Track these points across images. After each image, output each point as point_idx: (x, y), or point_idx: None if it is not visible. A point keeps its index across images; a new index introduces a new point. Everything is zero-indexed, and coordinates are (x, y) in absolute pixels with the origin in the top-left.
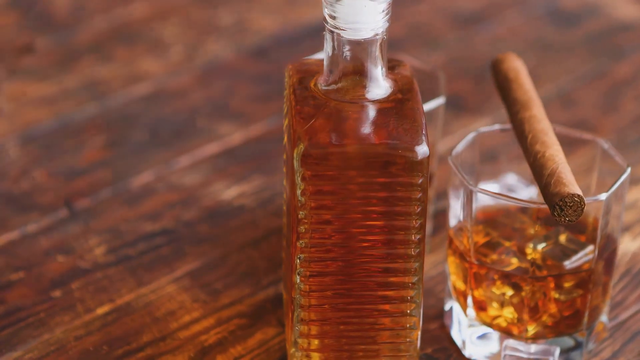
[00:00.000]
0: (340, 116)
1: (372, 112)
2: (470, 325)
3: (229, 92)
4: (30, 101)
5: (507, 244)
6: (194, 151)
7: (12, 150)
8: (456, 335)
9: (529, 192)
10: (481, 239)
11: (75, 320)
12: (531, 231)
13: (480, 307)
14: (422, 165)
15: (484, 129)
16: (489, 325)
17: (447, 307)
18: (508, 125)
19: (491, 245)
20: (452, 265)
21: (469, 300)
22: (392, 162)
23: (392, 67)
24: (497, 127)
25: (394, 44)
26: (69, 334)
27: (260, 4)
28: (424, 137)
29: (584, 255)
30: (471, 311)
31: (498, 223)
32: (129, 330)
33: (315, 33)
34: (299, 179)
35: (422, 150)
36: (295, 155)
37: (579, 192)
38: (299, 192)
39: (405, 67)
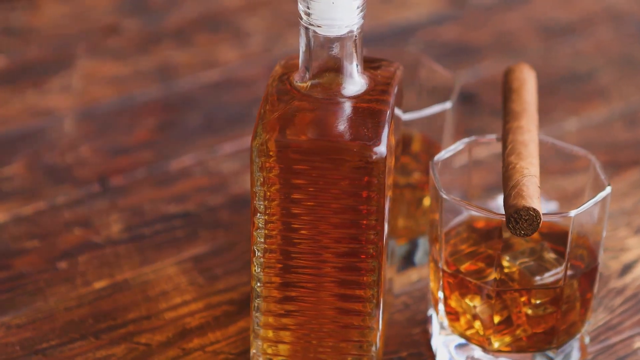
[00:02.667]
0: (304, 112)
1: (337, 109)
2: (443, 334)
3: None
4: (100, 79)
5: (486, 254)
6: (240, 140)
7: (67, 124)
8: (434, 342)
9: (545, 208)
10: (466, 248)
11: (71, 292)
12: (518, 244)
13: (453, 316)
14: (377, 165)
15: (478, 137)
16: (461, 334)
17: (429, 314)
18: None
19: (470, 255)
20: (430, 272)
21: (442, 308)
22: (346, 160)
23: (377, 66)
24: (492, 136)
25: (471, 49)
26: (60, 304)
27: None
28: (382, 138)
29: (559, 272)
30: (444, 319)
31: (488, 233)
32: (119, 306)
33: (396, 34)
34: (256, 169)
35: (377, 150)
36: (252, 146)
37: (535, 207)
38: (256, 182)
39: (390, 67)
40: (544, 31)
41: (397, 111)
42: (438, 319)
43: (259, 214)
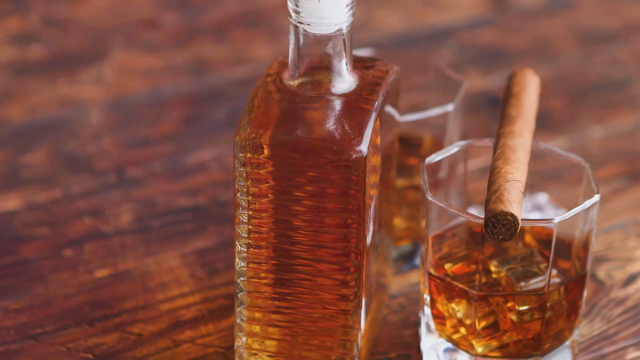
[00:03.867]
0: (289, 109)
1: (322, 107)
2: (432, 337)
3: None
4: (133, 72)
5: (476, 258)
6: None
7: (94, 114)
8: (422, 344)
9: (555, 214)
10: (461, 251)
11: (72, 279)
12: (512, 249)
13: (440, 320)
14: (357, 164)
15: (474, 141)
16: (448, 338)
17: (419, 316)
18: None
19: (462, 258)
20: (420, 274)
21: (428, 311)
22: (327, 158)
23: (370, 66)
24: (488, 140)
25: (506, 53)
26: (59, 291)
27: (396, 2)
28: (364, 137)
29: (544, 279)
30: (431, 323)
31: (482, 237)
32: (117, 295)
33: (432, 36)
34: (238, 164)
35: (357, 149)
36: (235, 140)
37: (514, 212)
38: (238, 177)
39: (383, 68)
40: (582, 38)
41: (393, 112)
42: (425, 321)
43: (241, 209)
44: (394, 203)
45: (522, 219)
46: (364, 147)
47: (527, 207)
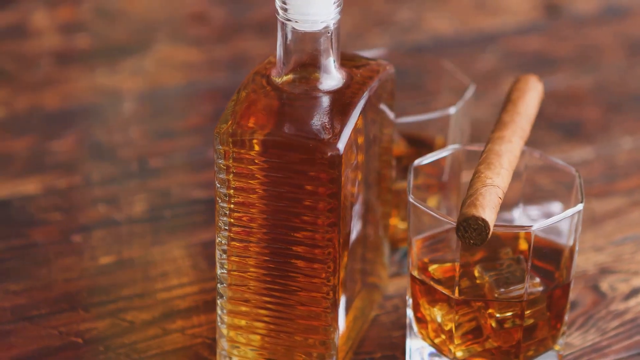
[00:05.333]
0: (271, 105)
1: (306, 104)
2: (415, 339)
3: None
4: (172, 64)
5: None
6: None
7: (127, 104)
8: (407, 346)
9: None
10: (449, 255)
11: (75, 265)
12: (504, 254)
13: (422, 323)
14: (332, 162)
15: (465, 146)
16: (431, 342)
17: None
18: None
19: (444, 262)
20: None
21: (411, 313)
22: (304, 155)
23: (362, 65)
24: (478, 145)
25: (549, 60)
26: (60, 276)
27: (447, 5)
28: (342, 135)
29: (522, 288)
30: (414, 325)
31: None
32: (117, 282)
33: (476, 41)
34: (218, 157)
35: (334, 147)
36: (214, 133)
37: (486, 217)
38: (217, 170)
39: (376, 67)
40: (630, 48)
41: (387, 111)
42: (408, 323)
43: (221, 202)
44: (390, 203)
45: (497, 225)
46: (340, 145)
47: (537, 215)
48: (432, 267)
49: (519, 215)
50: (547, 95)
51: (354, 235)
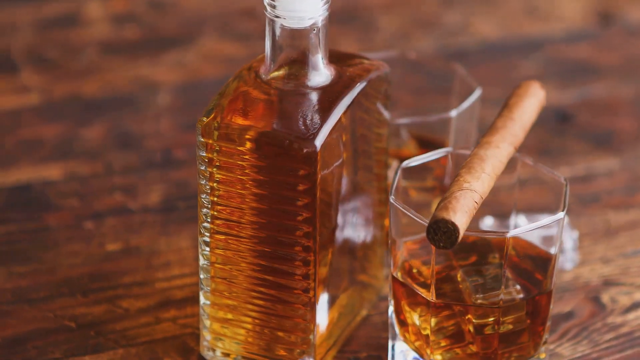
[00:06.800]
0: (255, 100)
1: (291, 100)
2: (394, 341)
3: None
4: (214, 58)
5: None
6: None
7: (162, 96)
8: (390, 347)
9: (569, 236)
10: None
11: (82, 250)
12: (492, 259)
13: (404, 326)
14: (309, 159)
15: (456, 149)
16: (410, 345)
17: None
18: None
19: (428, 265)
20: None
21: (393, 314)
22: (279, 150)
23: (355, 63)
24: (469, 149)
25: (592, 69)
26: (65, 261)
27: (498, 10)
28: (320, 132)
29: (500, 294)
30: (396, 328)
31: (472, 247)
32: (119, 270)
33: (521, 47)
34: (200, 149)
35: (312, 143)
36: (197, 126)
37: (456, 221)
38: (199, 163)
39: (367, 66)
40: None
41: (382, 110)
42: (390, 325)
43: (203, 194)
44: (386, 203)
45: (470, 230)
46: (318, 142)
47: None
48: (417, 270)
49: (522, 222)
50: (583, 104)
51: (343, 233)
